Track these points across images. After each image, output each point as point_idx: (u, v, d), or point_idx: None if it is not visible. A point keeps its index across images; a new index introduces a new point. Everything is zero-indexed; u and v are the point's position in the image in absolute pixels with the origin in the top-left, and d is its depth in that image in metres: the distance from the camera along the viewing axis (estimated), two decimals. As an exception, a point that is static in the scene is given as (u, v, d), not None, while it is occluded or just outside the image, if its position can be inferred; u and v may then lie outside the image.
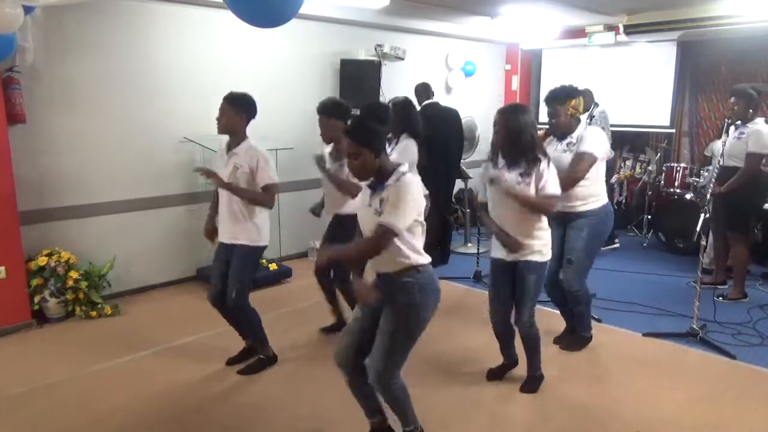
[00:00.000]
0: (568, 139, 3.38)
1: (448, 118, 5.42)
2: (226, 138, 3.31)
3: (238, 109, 3.19)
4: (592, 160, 3.31)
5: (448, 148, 5.37)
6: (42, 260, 4.07)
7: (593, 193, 3.40)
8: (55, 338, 3.94)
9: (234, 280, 3.25)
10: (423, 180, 4.52)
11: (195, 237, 4.73)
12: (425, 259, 2.39)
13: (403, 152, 3.88)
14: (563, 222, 3.46)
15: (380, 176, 2.32)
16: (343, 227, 3.46)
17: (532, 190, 2.86)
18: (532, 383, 3.19)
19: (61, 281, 4.09)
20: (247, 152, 3.19)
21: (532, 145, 2.88)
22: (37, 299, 4.08)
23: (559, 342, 3.74)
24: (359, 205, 2.50)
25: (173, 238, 4.92)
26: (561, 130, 3.40)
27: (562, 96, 3.34)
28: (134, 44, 4.54)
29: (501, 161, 2.98)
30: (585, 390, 3.22)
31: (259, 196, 3.19)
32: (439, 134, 5.11)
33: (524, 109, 2.95)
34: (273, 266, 5.07)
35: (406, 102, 4.22)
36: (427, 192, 2.63)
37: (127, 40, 4.50)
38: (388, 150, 3.24)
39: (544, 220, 2.98)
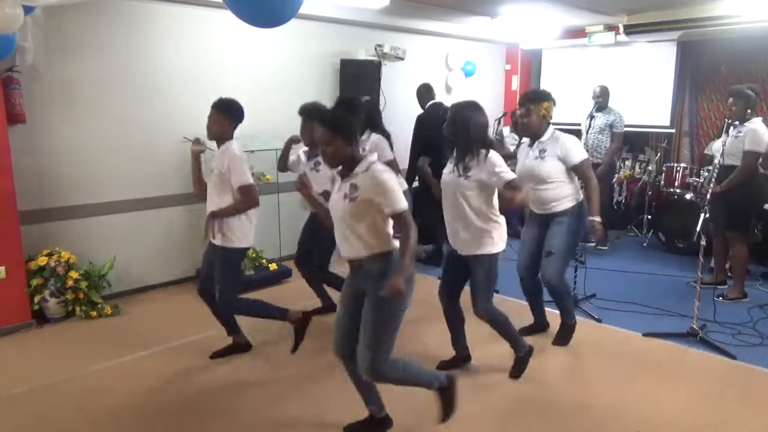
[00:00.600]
0: (540, 146, 3.47)
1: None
2: None
3: (225, 115, 3.27)
4: (588, 161, 3.49)
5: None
6: (42, 260, 4.07)
7: (564, 194, 3.49)
8: (55, 338, 3.95)
9: (218, 283, 3.33)
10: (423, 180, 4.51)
11: (195, 237, 4.74)
12: (396, 244, 2.49)
13: (373, 150, 3.91)
14: (542, 223, 3.57)
15: (351, 164, 2.45)
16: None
17: (469, 183, 2.99)
18: (519, 366, 3.28)
19: (61, 281, 4.09)
20: (222, 154, 3.26)
21: (467, 141, 2.98)
22: (37, 299, 4.08)
23: (524, 333, 3.73)
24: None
25: (173, 238, 4.92)
26: (531, 130, 3.50)
27: (537, 98, 3.48)
28: (134, 44, 4.54)
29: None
30: (585, 390, 3.22)
31: (239, 205, 3.24)
32: (441, 134, 5.10)
33: (472, 107, 3.05)
34: (273, 266, 5.07)
35: (371, 101, 4.27)
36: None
37: (127, 40, 4.50)
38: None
39: (495, 213, 3.05)
